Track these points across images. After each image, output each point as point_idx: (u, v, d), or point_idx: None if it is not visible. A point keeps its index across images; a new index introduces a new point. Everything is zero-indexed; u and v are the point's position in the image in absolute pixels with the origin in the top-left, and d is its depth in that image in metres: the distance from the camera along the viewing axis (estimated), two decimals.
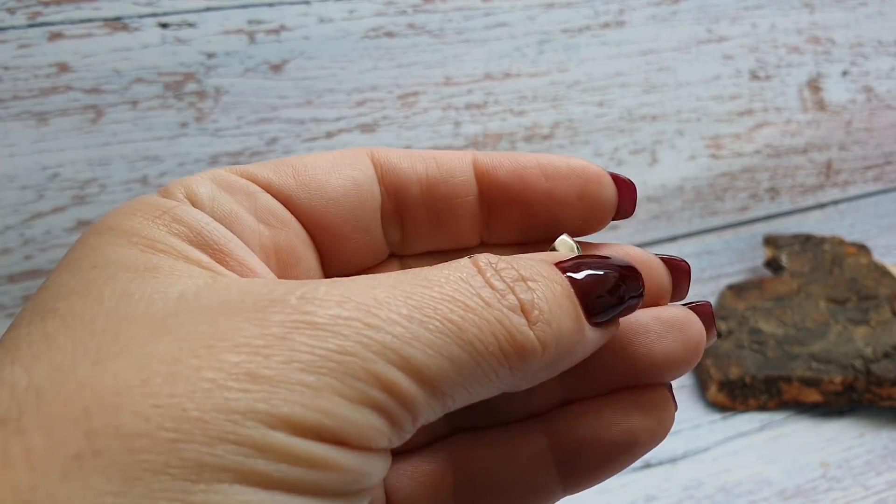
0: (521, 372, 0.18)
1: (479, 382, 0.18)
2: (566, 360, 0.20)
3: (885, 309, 0.55)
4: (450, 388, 0.17)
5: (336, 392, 0.15)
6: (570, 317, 0.19)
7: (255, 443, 0.15)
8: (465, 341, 0.17)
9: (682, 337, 0.22)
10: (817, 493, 0.46)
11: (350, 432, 0.16)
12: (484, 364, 0.17)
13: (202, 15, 0.52)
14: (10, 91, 0.50)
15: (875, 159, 0.77)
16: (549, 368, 0.19)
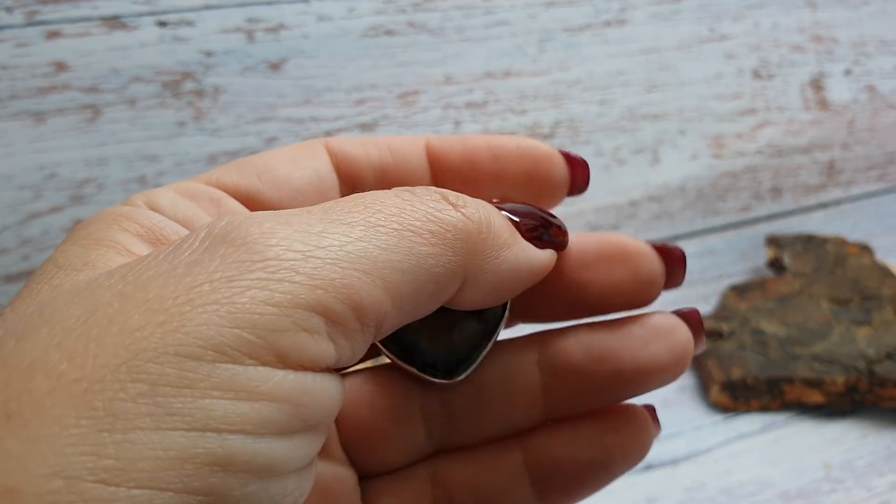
0: (457, 256, 0.19)
1: (423, 277, 0.18)
2: (508, 261, 0.20)
3: (887, 309, 0.55)
4: (395, 282, 0.17)
5: (261, 302, 0.16)
6: (499, 217, 0.20)
7: (169, 380, 0.15)
8: (397, 232, 0.18)
9: (668, 344, 0.22)
10: (820, 494, 0.46)
11: (282, 344, 0.16)
12: (420, 251, 0.18)
13: (200, 13, 0.52)
14: (8, 90, 0.49)
15: (878, 159, 0.77)
16: (492, 275, 0.20)
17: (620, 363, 0.22)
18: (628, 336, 0.22)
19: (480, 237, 0.19)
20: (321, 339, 0.16)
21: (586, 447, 0.23)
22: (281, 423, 0.15)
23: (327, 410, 0.17)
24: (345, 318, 0.17)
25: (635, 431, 0.23)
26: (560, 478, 0.23)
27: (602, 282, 0.22)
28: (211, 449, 0.15)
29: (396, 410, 0.23)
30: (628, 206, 0.68)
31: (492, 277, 0.20)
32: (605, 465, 0.23)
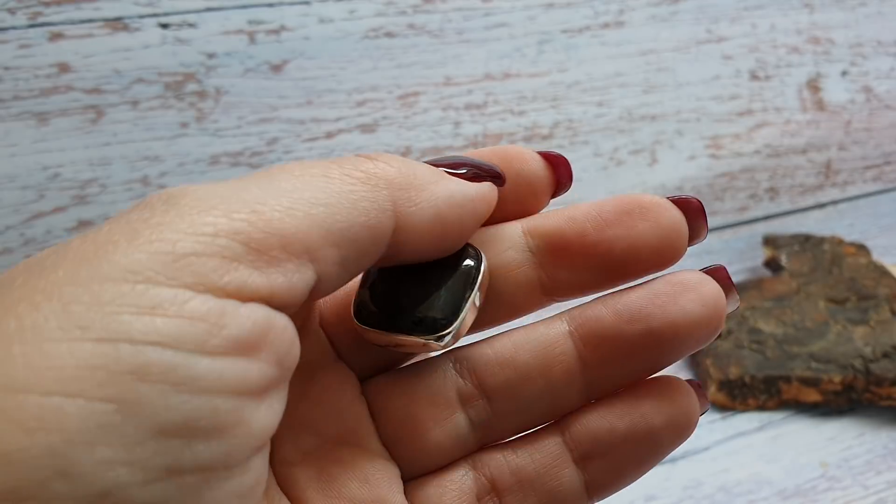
0: (382, 191, 0.19)
1: (351, 211, 0.19)
2: (439, 195, 0.20)
3: (884, 309, 0.55)
4: (320, 214, 0.18)
5: (181, 231, 0.16)
6: (422, 165, 0.21)
7: (83, 299, 0.15)
8: (321, 176, 0.19)
9: (697, 297, 0.21)
10: (817, 492, 0.46)
11: (201, 269, 0.16)
12: (343, 189, 0.19)
13: (202, 15, 0.53)
14: (11, 91, 0.50)
15: (874, 159, 0.77)
16: (428, 208, 0.20)
17: (651, 320, 0.21)
18: (655, 293, 0.22)
19: (403, 176, 0.20)
20: (243, 265, 0.17)
21: (623, 417, 0.22)
22: (197, 340, 0.16)
23: (256, 336, 0.17)
24: (267, 246, 0.17)
25: (675, 398, 0.22)
26: (602, 453, 0.22)
27: (626, 237, 0.22)
28: (124, 358, 0.15)
29: (434, 398, 0.23)
30: None
31: (428, 211, 0.20)
32: (648, 437, 0.22)
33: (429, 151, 0.60)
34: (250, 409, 0.17)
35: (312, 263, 0.18)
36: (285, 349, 0.18)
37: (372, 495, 0.22)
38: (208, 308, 0.16)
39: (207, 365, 0.16)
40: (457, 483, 0.22)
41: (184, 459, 0.15)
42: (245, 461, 0.17)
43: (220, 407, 0.16)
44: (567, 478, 0.22)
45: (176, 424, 0.15)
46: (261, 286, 0.17)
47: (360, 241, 0.19)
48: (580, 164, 0.66)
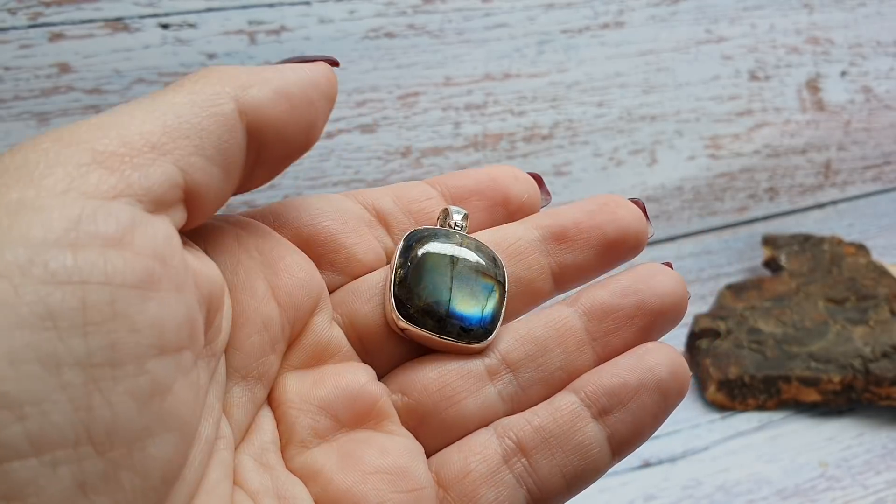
0: (216, 83, 0.21)
1: (196, 113, 0.20)
2: (272, 77, 0.22)
3: (883, 309, 0.56)
4: (156, 114, 0.19)
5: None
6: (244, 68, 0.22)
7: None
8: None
9: (669, 276, 0.26)
10: (816, 492, 0.46)
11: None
12: (170, 91, 0.20)
13: (203, 16, 0.53)
14: (12, 91, 0.50)
15: (874, 159, 0.77)
16: (267, 87, 0.21)
17: (641, 293, 0.25)
18: (638, 275, 0.25)
19: (233, 68, 0.21)
20: (93, 167, 0.18)
21: (633, 371, 0.24)
22: (55, 235, 0.16)
23: (121, 231, 0.17)
24: (111, 149, 0.18)
25: (668, 354, 0.24)
26: (619, 405, 0.23)
27: (613, 221, 0.26)
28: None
29: (465, 372, 0.24)
30: None
31: (266, 88, 0.21)
32: (657, 388, 0.23)
33: (429, 151, 0.61)
34: (131, 302, 0.17)
35: (165, 156, 0.19)
36: (162, 245, 0.18)
37: (391, 463, 0.22)
38: (65, 208, 0.17)
39: (66, 258, 0.16)
40: (481, 447, 0.23)
41: (59, 353, 0.15)
42: (137, 360, 0.17)
43: (89, 298, 0.16)
44: (591, 432, 0.23)
45: (39, 316, 0.15)
46: (116, 184, 0.18)
47: (209, 128, 0.20)
48: (580, 164, 0.66)
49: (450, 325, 0.24)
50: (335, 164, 0.58)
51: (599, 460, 0.23)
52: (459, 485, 0.23)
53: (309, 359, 0.24)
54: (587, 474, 0.23)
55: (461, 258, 0.25)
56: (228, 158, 0.21)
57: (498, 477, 0.23)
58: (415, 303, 0.24)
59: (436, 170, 0.61)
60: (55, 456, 0.15)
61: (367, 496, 0.21)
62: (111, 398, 0.16)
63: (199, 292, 0.19)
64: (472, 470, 0.23)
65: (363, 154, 0.59)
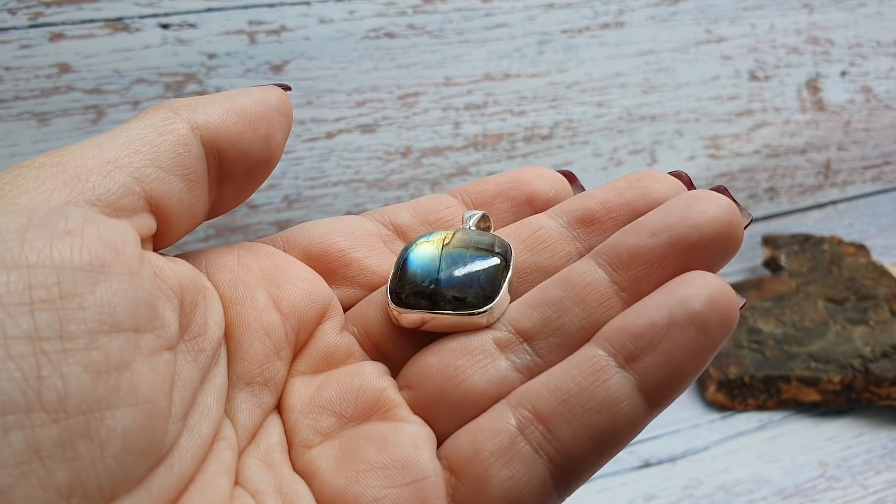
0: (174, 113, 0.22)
1: (144, 132, 0.21)
2: (225, 99, 0.23)
3: (883, 309, 0.56)
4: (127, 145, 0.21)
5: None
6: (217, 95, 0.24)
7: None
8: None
9: (713, 201, 0.22)
10: (816, 492, 0.46)
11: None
12: (141, 117, 0.22)
13: (203, 16, 0.53)
14: (12, 91, 0.50)
15: (874, 159, 0.78)
16: (227, 113, 0.23)
17: (673, 229, 0.22)
18: (670, 208, 0.22)
19: (181, 98, 0.23)
20: (48, 182, 0.19)
21: (661, 308, 0.21)
22: (15, 227, 0.18)
23: (74, 225, 0.19)
24: (62, 168, 0.20)
25: (708, 281, 0.21)
26: (648, 348, 0.21)
27: (644, 196, 0.24)
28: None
29: (470, 350, 0.23)
30: None
31: (216, 108, 0.23)
32: (693, 322, 0.20)
33: (429, 151, 0.61)
34: (80, 283, 0.18)
35: (119, 169, 0.20)
36: (114, 238, 0.19)
37: (392, 457, 0.21)
38: (19, 212, 0.18)
39: (14, 247, 0.17)
40: (491, 422, 0.21)
41: (6, 326, 0.16)
42: (89, 336, 0.18)
43: (35, 279, 0.17)
44: (616, 383, 0.21)
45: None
46: (70, 193, 0.19)
47: (163, 144, 0.21)
48: (580, 165, 0.66)
49: (442, 299, 0.23)
50: (335, 164, 0.58)
51: (631, 414, 0.20)
52: (470, 467, 0.21)
53: (318, 364, 0.24)
54: (619, 432, 0.21)
55: (453, 240, 0.24)
56: (187, 169, 0.22)
57: (512, 452, 0.21)
58: (406, 288, 0.23)
59: (436, 170, 0.61)
60: (6, 420, 0.16)
61: (361, 495, 0.20)
62: (62, 369, 0.17)
63: (163, 283, 0.20)
64: (482, 448, 0.21)
65: (363, 154, 0.59)
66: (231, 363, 0.22)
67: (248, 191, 0.24)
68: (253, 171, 0.24)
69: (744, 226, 0.23)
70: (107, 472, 0.17)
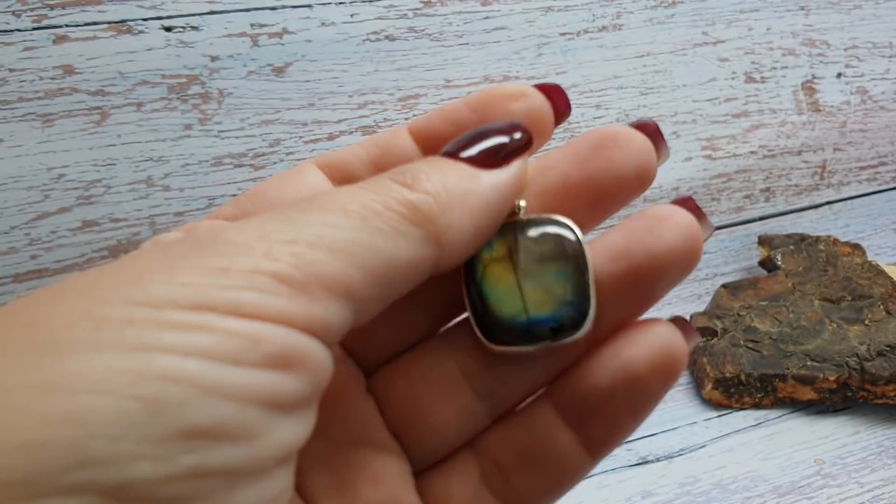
0: (419, 227, 0.19)
1: (390, 249, 0.19)
2: (475, 205, 0.20)
3: (879, 308, 0.56)
4: (357, 254, 0.18)
5: (216, 268, 0.17)
6: (452, 169, 0.20)
7: (117, 319, 0.16)
8: (356, 213, 0.18)
9: (674, 225, 0.21)
10: (812, 489, 0.47)
11: (239, 300, 0.17)
12: (380, 227, 0.18)
13: (206, 18, 0.53)
14: (16, 93, 0.50)
15: (869, 160, 0.78)
16: (466, 222, 0.20)
17: (633, 256, 0.21)
18: (632, 231, 0.21)
19: (440, 202, 0.20)
20: (282, 298, 0.17)
21: (605, 371, 0.21)
22: (232, 352, 0.16)
23: (292, 356, 0.17)
24: (307, 285, 0.17)
25: (655, 340, 0.21)
26: (592, 413, 0.21)
27: (608, 169, 0.22)
28: (155, 362, 0.15)
29: (437, 380, 0.23)
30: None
31: (468, 228, 0.20)
32: (633, 387, 0.21)
33: None
34: (278, 421, 0.17)
35: (352, 303, 0.18)
36: (323, 377, 0.18)
37: (385, 496, 0.22)
38: (245, 327, 0.16)
39: (240, 375, 0.16)
40: (459, 469, 0.23)
41: (209, 461, 0.16)
42: (270, 470, 0.17)
43: (249, 415, 0.16)
44: (563, 443, 0.22)
45: (203, 427, 0.16)
46: (298, 316, 0.17)
47: (399, 276, 0.19)
48: None
49: (539, 333, 0.22)
50: None
51: (577, 466, 0.22)
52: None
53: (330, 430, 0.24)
54: (565, 482, 0.22)
55: (521, 259, 0.22)
56: (398, 296, 0.20)
57: (479, 498, 0.22)
58: (495, 327, 0.22)
59: None
60: None
61: None
62: (245, 501, 0.17)
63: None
64: (454, 493, 0.23)
65: None
66: None
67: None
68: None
69: (704, 238, 0.22)
70: None
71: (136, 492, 0.15)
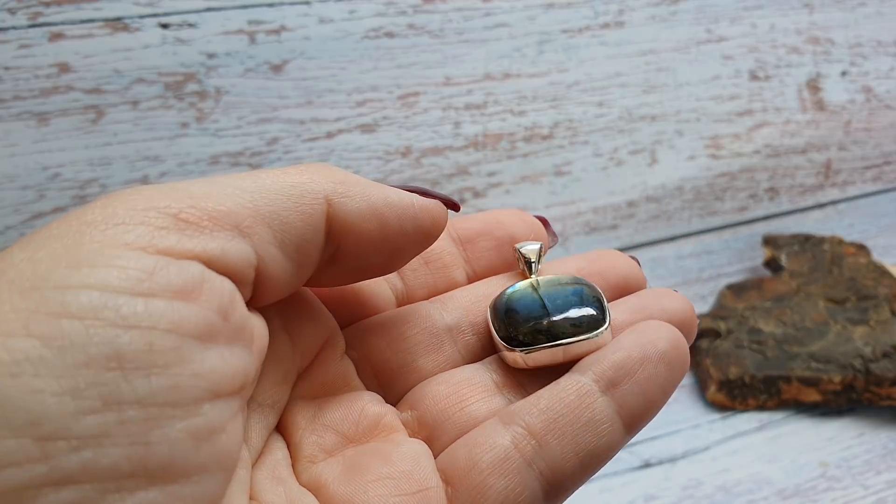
0: (316, 175, 0.22)
1: (282, 191, 0.21)
2: (376, 197, 0.23)
3: (884, 309, 0.56)
4: (248, 198, 0.20)
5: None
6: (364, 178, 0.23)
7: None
8: (251, 174, 0.21)
9: (676, 296, 0.26)
10: (816, 492, 0.46)
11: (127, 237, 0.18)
12: (274, 176, 0.21)
13: (202, 15, 0.53)
14: (11, 91, 0.50)
15: (874, 159, 0.78)
16: (364, 205, 0.22)
17: (648, 309, 0.26)
18: (644, 294, 0.27)
19: (337, 171, 0.22)
20: (173, 232, 0.18)
21: (636, 346, 0.23)
22: (128, 284, 0.17)
23: (190, 285, 0.18)
24: (196, 218, 0.19)
25: (665, 328, 0.24)
26: (626, 377, 0.23)
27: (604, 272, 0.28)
28: (49, 299, 0.16)
29: (471, 384, 0.25)
30: (626, 206, 0.68)
31: (361, 203, 0.22)
32: (661, 359, 0.23)
33: (429, 151, 0.61)
34: (194, 350, 0.18)
35: (244, 238, 0.20)
36: (227, 303, 0.19)
37: (397, 470, 0.22)
38: (138, 260, 0.17)
39: (136, 305, 0.17)
40: (486, 436, 0.23)
41: (122, 391, 0.16)
42: (194, 403, 0.17)
43: (156, 342, 0.17)
44: (600, 406, 0.23)
45: (106, 356, 0.16)
46: (193, 248, 0.19)
47: (292, 223, 0.21)
48: (580, 164, 0.66)
49: (561, 330, 0.24)
50: (335, 163, 0.58)
51: (612, 435, 0.23)
52: (467, 478, 0.22)
53: (317, 389, 0.25)
54: (601, 452, 0.23)
55: (542, 282, 0.26)
56: (304, 255, 0.22)
57: (507, 465, 0.22)
58: (521, 330, 0.25)
59: (436, 170, 0.61)
60: (106, 485, 0.16)
61: (370, 503, 0.21)
62: (169, 435, 0.17)
63: (255, 346, 0.20)
64: (479, 461, 0.22)
65: (363, 154, 0.59)
66: None
67: (352, 280, 0.25)
68: (364, 270, 0.24)
69: (696, 323, 0.26)
70: None
71: (49, 428, 0.15)
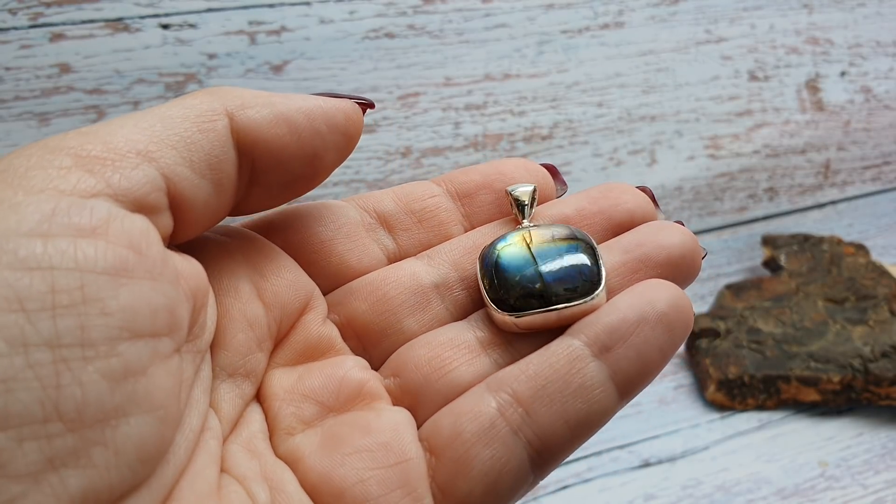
0: (210, 97, 0.21)
1: (180, 114, 0.20)
2: (278, 102, 0.22)
3: (883, 308, 0.56)
4: (147, 126, 0.20)
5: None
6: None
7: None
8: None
9: (675, 228, 0.25)
10: (816, 492, 0.46)
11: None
12: (172, 104, 0.21)
13: (203, 16, 0.53)
14: (12, 91, 0.50)
15: (873, 159, 0.78)
16: (266, 106, 0.22)
17: (644, 246, 0.24)
18: (641, 232, 0.25)
19: (236, 88, 0.22)
20: (74, 170, 0.18)
21: (633, 307, 0.22)
22: (29, 225, 0.17)
23: (95, 222, 0.18)
24: (94, 153, 0.19)
25: (672, 287, 0.23)
26: (620, 340, 0.22)
27: (618, 205, 0.26)
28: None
29: (454, 345, 0.24)
30: None
31: (265, 111, 0.21)
32: (659, 321, 0.22)
33: (429, 151, 0.61)
34: (102, 288, 0.17)
35: (149, 162, 0.19)
36: (138, 237, 0.18)
37: (376, 441, 0.22)
38: (41, 204, 0.17)
39: (36, 246, 0.17)
40: (471, 404, 0.22)
41: (25, 334, 0.16)
42: (107, 343, 0.17)
43: (58, 282, 0.16)
44: (591, 372, 0.22)
45: (6, 299, 0.16)
46: (95, 184, 0.18)
47: (197, 141, 0.20)
48: (580, 165, 0.66)
49: (553, 295, 0.23)
50: None
51: (604, 402, 0.22)
52: (451, 448, 0.21)
53: (298, 356, 0.24)
54: (592, 418, 0.22)
55: (535, 237, 0.24)
56: (218, 173, 0.21)
57: (493, 433, 0.21)
58: (512, 293, 0.23)
59: (436, 170, 0.61)
60: (21, 431, 0.16)
61: (346, 477, 0.21)
62: (81, 377, 0.16)
63: (182, 286, 0.20)
64: (463, 430, 0.21)
65: (363, 154, 0.59)
66: (214, 354, 0.22)
67: (281, 200, 0.24)
68: (291, 185, 0.23)
69: (701, 257, 0.25)
70: (120, 478, 0.17)
71: None
